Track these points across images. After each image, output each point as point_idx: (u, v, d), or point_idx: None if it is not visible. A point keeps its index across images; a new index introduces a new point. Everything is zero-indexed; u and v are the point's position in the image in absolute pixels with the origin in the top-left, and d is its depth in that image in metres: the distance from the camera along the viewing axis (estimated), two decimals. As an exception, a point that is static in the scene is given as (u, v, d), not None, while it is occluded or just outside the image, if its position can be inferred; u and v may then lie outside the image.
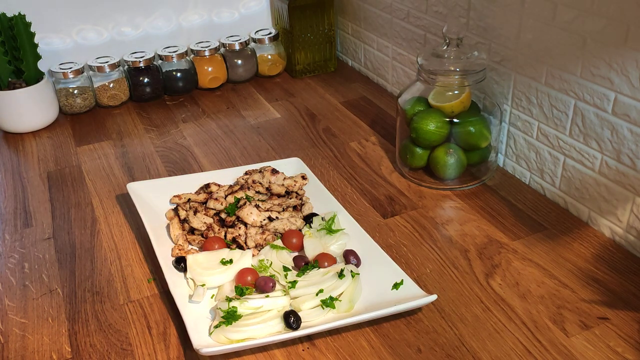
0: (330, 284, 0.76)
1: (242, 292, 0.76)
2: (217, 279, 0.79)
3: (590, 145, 0.87)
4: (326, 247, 0.84)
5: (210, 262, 0.81)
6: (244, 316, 0.72)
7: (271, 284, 0.77)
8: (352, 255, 0.82)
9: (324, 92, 1.37)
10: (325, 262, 0.81)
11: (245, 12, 1.50)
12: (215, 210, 0.89)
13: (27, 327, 0.76)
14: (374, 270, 0.80)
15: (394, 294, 0.76)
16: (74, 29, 1.36)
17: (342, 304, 0.75)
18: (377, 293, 0.77)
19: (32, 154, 1.17)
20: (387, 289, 0.77)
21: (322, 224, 0.87)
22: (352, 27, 1.45)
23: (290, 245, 0.85)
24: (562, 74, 0.88)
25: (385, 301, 0.75)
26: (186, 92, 1.38)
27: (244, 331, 0.70)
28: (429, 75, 0.95)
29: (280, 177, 0.96)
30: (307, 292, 0.76)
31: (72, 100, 1.29)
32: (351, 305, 0.74)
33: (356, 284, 0.77)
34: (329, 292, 0.75)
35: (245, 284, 0.78)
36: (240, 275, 0.79)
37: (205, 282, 0.78)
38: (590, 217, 0.90)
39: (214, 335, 0.71)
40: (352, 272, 0.78)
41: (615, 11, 0.77)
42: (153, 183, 0.97)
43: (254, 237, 0.86)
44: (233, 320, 0.71)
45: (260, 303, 0.74)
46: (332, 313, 0.74)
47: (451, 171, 0.98)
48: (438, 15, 1.11)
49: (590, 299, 0.76)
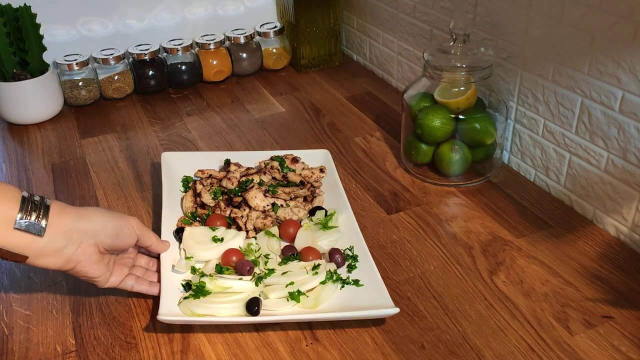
0: (302, 278, 0.76)
1: (221, 270, 0.78)
2: (206, 254, 0.81)
3: (596, 143, 0.86)
4: (315, 242, 0.83)
5: (204, 237, 0.83)
6: (213, 294, 0.74)
7: (248, 268, 0.78)
8: (338, 254, 0.81)
9: (328, 87, 1.37)
10: (309, 256, 0.81)
11: (251, 5, 1.50)
12: (226, 189, 0.90)
13: (31, 319, 0.76)
14: (355, 272, 0.79)
15: (365, 300, 0.74)
16: (79, 21, 1.35)
17: (308, 299, 0.74)
18: (351, 295, 0.76)
19: (36, 145, 1.17)
20: (362, 293, 0.75)
21: (320, 219, 0.87)
22: (357, 22, 1.45)
23: (286, 234, 0.86)
24: (569, 71, 0.88)
25: (355, 305, 0.74)
26: (191, 85, 1.38)
27: (207, 307, 0.72)
28: (435, 71, 0.95)
29: (299, 166, 0.97)
30: (278, 282, 0.76)
31: (77, 92, 1.28)
32: (316, 302, 0.74)
33: (327, 284, 0.76)
34: (298, 286, 0.75)
35: (227, 263, 0.79)
36: (225, 255, 0.81)
37: (194, 255, 0.81)
38: (595, 216, 0.90)
39: (181, 306, 0.73)
40: (330, 272, 0.77)
41: (624, 9, 0.77)
42: (187, 155, 1.02)
43: (254, 220, 0.87)
44: (201, 295, 0.73)
45: (230, 284, 0.75)
46: (297, 307, 0.74)
47: (456, 168, 0.98)
48: (444, 10, 1.11)
49: (595, 298, 0.76)
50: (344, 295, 0.76)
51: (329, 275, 0.77)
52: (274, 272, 0.78)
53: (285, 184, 0.94)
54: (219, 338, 0.72)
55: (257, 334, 0.73)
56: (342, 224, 0.87)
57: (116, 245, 0.73)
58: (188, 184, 0.95)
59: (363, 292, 0.76)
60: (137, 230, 0.75)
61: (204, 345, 0.71)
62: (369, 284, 0.76)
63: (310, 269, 0.78)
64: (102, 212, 0.72)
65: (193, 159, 0.99)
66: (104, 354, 0.71)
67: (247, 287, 0.76)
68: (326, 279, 0.76)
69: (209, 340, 0.72)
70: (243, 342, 0.72)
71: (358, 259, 0.81)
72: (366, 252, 0.80)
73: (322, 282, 0.76)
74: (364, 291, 0.76)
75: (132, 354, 0.71)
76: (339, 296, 0.76)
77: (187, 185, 0.95)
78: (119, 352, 0.71)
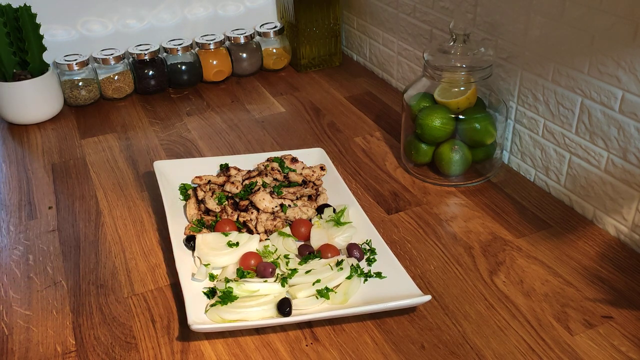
0: (328, 275, 0.77)
1: (243, 274, 0.78)
2: (222, 260, 0.81)
3: (596, 143, 0.86)
4: (331, 239, 0.84)
5: (218, 243, 0.82)
6: (240, 298, 0.74)
7: (270, 270, 0.77)
8: (356, 249, 0.82)
9: (328, 87, 1.37)
10: (328, 253, 0.81)
11: (251, 5, 1.50)
12: (231, 193, 0.90)
13: (31, 319, 0.76)
14: (375, 265, 0.80)
15: (391, 291, 0.75)
16: (79, 21, 1.35)
17: (336, 295, 0.75)
18: (375, 288, 0.77)
19: (36, 145, 1.17)
20: (386, 286, 0.77)
21: (331, 216, 0.87)
22: (357, 22, 1.45)
23: (299, 234, 0.86)
24: (569, 71, 0.88)
25: (380, 297, 0.75)
26: (191, 85, 1.38)
27: (237, 312, 0.72)
28: (435, 71, 0.95)
29: (299, 166, 0.97)
30: (304, 281, 0.77)
31: (77, 92, 1.28)
32: (345, 298, 0.75)
33: (353, 278, 0.77)
34: (325, 283, 0.76)
35: (248, 267, 0.79)
36: (243, 259, 0.80)
37: (210, 262, 0.80)
38: (595, 216, 0.90)
39: (209, 314, 0.73)
40: (353, 266, 0.78)
41: (624, 9, 0.77)
42: (180, 162, 0.99)
43: (264, 222, 0.87)
44: (229, 300, 0.73)
45: (257, 287, 0.75)
46: (326, 304, 0.75)
47: (456, 168, 0.98)
48: (444, 10, 1.11)
49: (595, 298, 0.76)
50: (367, 288, 0.77)
51: (353, 270, 0.78)
52: (297, 271, 0.78)
53: (287, 184, 0.94)
54: (219, 338, 0.72)
55: (257, 334, 0.73)
56: (352, 218, 0.88)
57: None
58: (187, 192, 0.94)
59: (387, 283, 0.77)
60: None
61: (204, 345, 0.71)
62: (392, 276, 0.77)
63: (334, 265, 0.78)
64: None
65: (185, 165, 0.98)
66: (104, 354, 0.71)
67: (274, 289, 0.76)
68: (351, 273, 0.77)
69: (209, 340, 0.72)
70: (243, 342, 0.72)
71: (376, 252, 0.81)
72: (383, 244, 0.81)
73: (348, 277, 0.77)
74: (387, 283, 0.77)
75: (132, 354, 0.71)
76: (362, 290, 0.77)
77: (185, 193, 0.94)
78: (119, 352, 0.71)
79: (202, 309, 0.74)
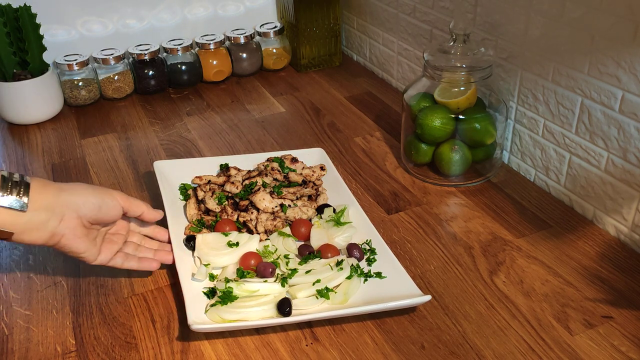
0: (328, 275, 0.77)
1: (243, 274, 0.78)
2: (222, 260, 0.81)
3: (596, 143, 0.86)
4: (331, 239, 0.84)
5: (218, 243, 0.82)
6: (240, 298, 0.74)
7: (270, 270, 0.78)
8: (356, 249, 0.82)
9: (328, 87, 1.37)
10: (328, 253, 0.81)
11: (251, 5, 1.50)
12: (231, 193, 0.90)
13: (31, 319, 0.76)
14: (375, 265, 0.80)
15: (391, 291, 0.75)
16: (79, 21, 1.35)
17: (336, 295, 0.75)
18: (375, 288, 0.77)
19: (36, 145, 1.17)
20: (386, 286, 0.77)
21: (331, 216, 0.87)
22: (357, 22, 1.45)
23: (299, 234, 0.86)
24: (569, 71, 0.88)
25: (380, 297, 0.75)
26: (191, 85, 1.38)
27: (237, 312, 0.72)
28: (435, 71, 0.95)
29: (299, 166, 0.97)
30: (304, 281, 0.77)
31: (77, 92, 1.28)
32: (345, 298, 0.75)
33: (353, 278, 0.77)
34: (325, 283, 0.76)
35: (248, 267, 0.79)
36: (244, 259, 0.80)
37: (210, 262, 0.80)
38: (595, 216, 0.90)
39: (209, 314, 0.73)
40: (353, 266, 0.79)
41: (624, 9, 0.77)
42: (180, 162, 0.99)
43: (264, 222, 0.86)
44: (229, 300, 0.73)
45: (257, 287, 0.75)
46: (326, 304, 0.75)
47: (456, 168, 0.98)
48: (444, 10, 1.11)
49: (595, 298, 0.76)
50: (367, 288, 0.77)
51: (354, 270, 0.78)
52: (297, 271, 0.78)
53: (287, 184, 0.94)
54: (219, 338, 0.72)
55: (257, 334, 0.73)
56: (352, 218, 0.88)
57: (100, 219, 0.73)
58: (186, 192, 0.94)
59: (387, 283, 0.77)
60: (122, 202, 0.75)
61: (203, 345, 0.71)
62: (392, 276, 0.77)
63: (334, 265, 0.78)
64: (85, 186, 0.73)
65: (185, 165, 0.98)
66: (104, 354, 0.71)
67: (274, 289, 0.76)
68: (351, 273, 0.77)
69: (209, 340, 0.72)
70: (243, 342, 0.72)
71: (376, 252, 0.81)
72: (383, 244, 0.81)
73: (348, 277, 0.77)
74: (387, 283, 0.77)
75: (132, 354, 0.71)
76: (362, 290, 0.77)
77: (185, 193, 0.94)
78: (119, 352, 0.71)
79: (202, 309, 0.74)
